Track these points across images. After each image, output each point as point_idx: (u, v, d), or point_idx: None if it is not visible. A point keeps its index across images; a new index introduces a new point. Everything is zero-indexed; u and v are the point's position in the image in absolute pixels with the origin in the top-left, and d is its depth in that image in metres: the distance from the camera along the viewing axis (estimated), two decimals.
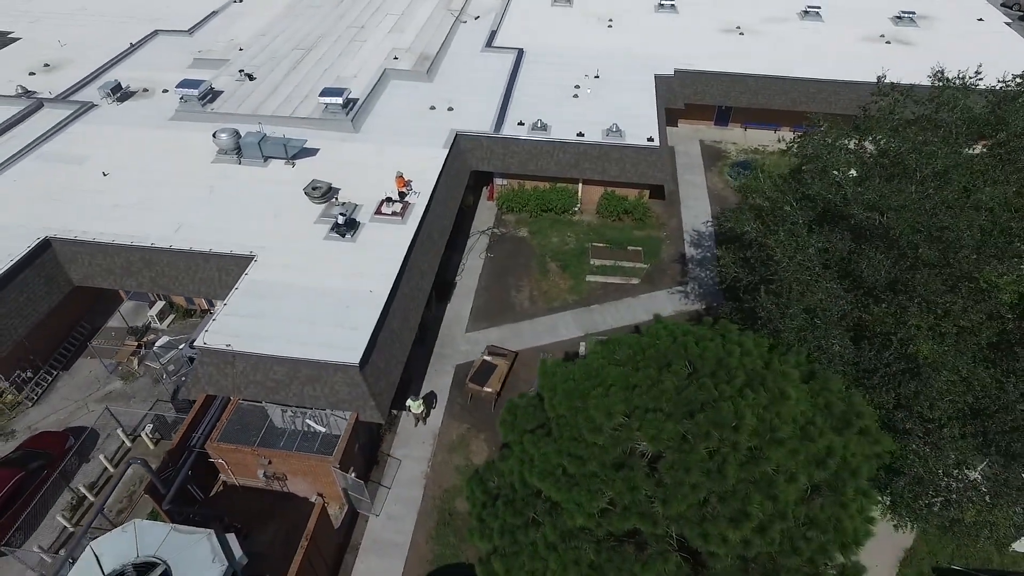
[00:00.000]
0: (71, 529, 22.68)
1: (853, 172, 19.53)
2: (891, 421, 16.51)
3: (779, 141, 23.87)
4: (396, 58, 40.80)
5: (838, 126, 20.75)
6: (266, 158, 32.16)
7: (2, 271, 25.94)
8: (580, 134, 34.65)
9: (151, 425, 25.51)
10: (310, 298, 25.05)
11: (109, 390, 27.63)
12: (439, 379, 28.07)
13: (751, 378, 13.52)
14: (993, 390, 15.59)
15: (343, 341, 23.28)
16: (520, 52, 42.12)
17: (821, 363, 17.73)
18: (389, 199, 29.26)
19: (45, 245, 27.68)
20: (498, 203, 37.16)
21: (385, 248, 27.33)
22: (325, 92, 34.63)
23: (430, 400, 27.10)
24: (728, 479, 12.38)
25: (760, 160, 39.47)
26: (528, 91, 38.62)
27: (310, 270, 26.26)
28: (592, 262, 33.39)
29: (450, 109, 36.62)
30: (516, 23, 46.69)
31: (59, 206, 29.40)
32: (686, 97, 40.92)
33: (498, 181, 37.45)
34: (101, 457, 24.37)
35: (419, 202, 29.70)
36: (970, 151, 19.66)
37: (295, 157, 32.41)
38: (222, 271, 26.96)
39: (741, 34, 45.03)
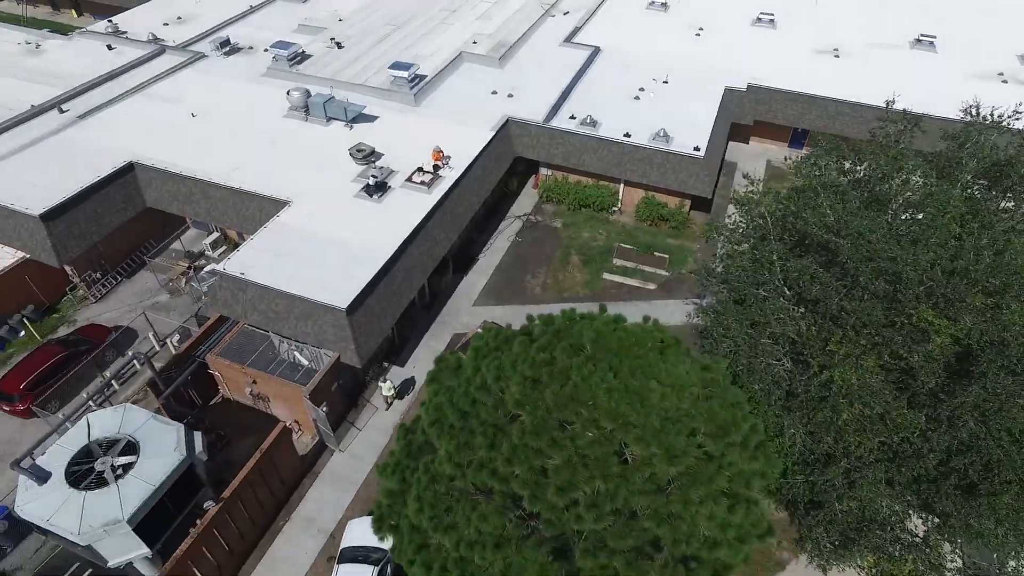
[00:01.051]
0: (93, 407, 26.37)
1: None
2: (807, 448, 15.95)
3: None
4: (475, 43, 42.61)
5: (837, 148, 19.85)
6: (328, 119, 35.00)
7: (88, 184, 30.31)
8: (627, 134, 34.76)
9: (178, 336, 28.91)
10: (324, 246, 27.33)
11: (156, 301, 31.53)
12: (434, 343, 29.56)
13: (624, 359, 13.81)
14: (915, 437, 14.61)
15: (339, 287, 25.30)
16: (596, 50, 42.54)
17: (761, 383, 17.45)
18: (421, 169, 31.07)
19: (129, 168, 31.97)
20: (540, 192, 38.02)
21: (404, 212, 29.15)
22: (394, 65, 37.06)
23: (406, 386, 27.82)
24: (567, 450, 12.84)
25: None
26: (592, 88, 39.07)
27: (333, 222, 28.58)
28: (615, 261, 33.51)
29: (510, 96, 37.88)
30: (603, 22, 47.06)
31: (149, 137, 33.71)
32: (757, 114, 39.72)
33: (543, 171, 38.28)
34: (129, 353, 28.02)
35: (450, 176, 31.26)
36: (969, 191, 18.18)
37: (354, 121, 35.02)
38: (261, 211, 29.94)
39: (836, 56, 42.79)
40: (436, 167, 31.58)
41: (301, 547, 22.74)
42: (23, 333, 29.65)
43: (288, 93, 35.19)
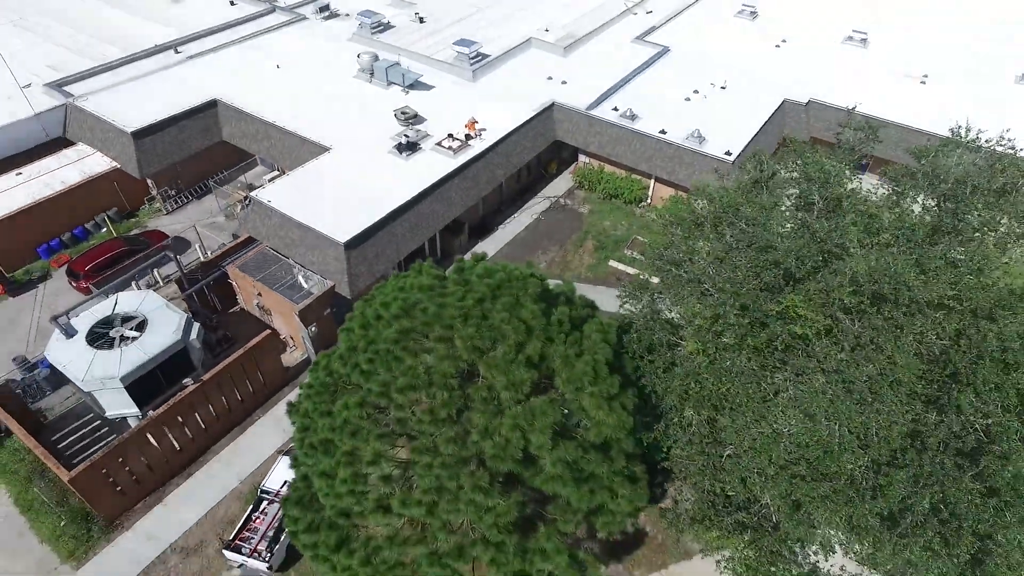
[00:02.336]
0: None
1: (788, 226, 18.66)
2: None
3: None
4: (547, 30, 44.36)
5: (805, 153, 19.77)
6: (389, 83, 38.20)
7: (176, 112, 35.30)
8: (662, 131, 35.21)
9: (220, 251, 33.11)
10: (346, 190, 30.35)
11: (213, 221, 36.13)
12: None
13: (499, 298, 15.25)
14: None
15: (346, 225, 28.19)
16: (664, 50, 42.90)
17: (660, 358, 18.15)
18: (451, 135, 33.41)
19: (212, 104, 36.76)
20: (574, 178, 39.22)
21: (425, 171, 31.60)
22: (459, 42, 39.65)
23: None
24: (419, 359, 14.57)
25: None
26: (646, 85, 39.65)
27: (360, 171, 31.57)
28: (625, 251, 34.22)
29: (563, 83, 39.34)
30: (684, 24, 47.13)
31: (236, 80, 38.43)
32: (815, 131, 38.58)
33: (582, 159, 39.43)
34: (176, 258, 32.49)
35: (477, 146, 33.36)
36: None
37: (411, 87, 37.98)
38: (306, 152, 33.55)
39: (923, 82, 40.47)
40: (468, 136, 33.79)
41: (267, 440, 25.86)
42: (104, 229, 35.15)
43: (358, 56, 38.73)
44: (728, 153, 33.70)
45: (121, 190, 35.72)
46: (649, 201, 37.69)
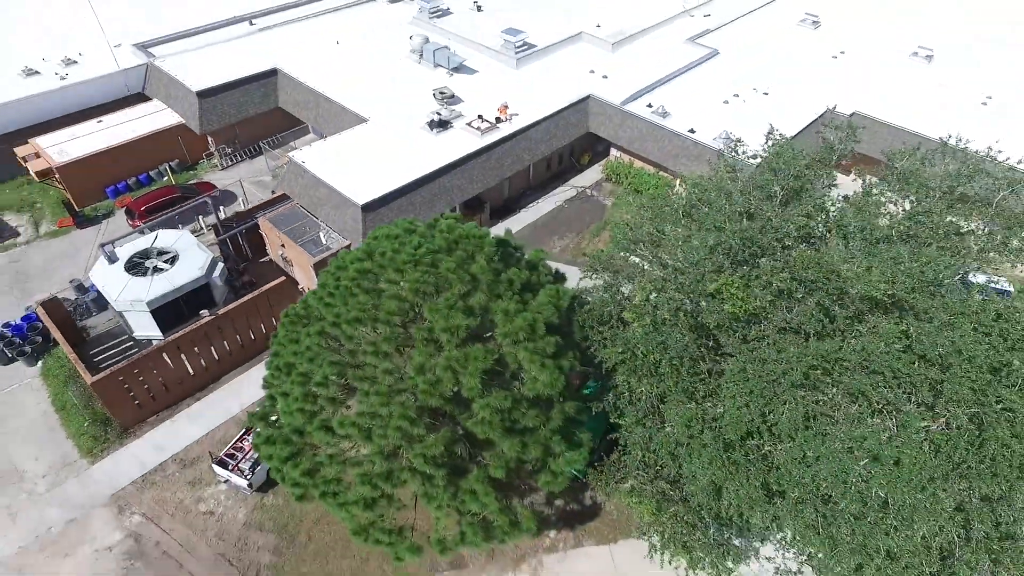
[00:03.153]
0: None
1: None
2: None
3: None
4: (598, 26, 45.11)
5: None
6: (435, 65, 40.09)
7: (238, 77, 38.45)
8: (691, 130, 35.43)
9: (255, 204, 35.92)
10: (376, 158, 32.37)
11: (260, 180, 39.07)
12: None
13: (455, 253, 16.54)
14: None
15: (367, 189, 30.18)
16: (713, 53, 42.87)
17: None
18: (480, 117, 34.89)
19: (272, 72, 39.77)
20: (604, 170, 39.91)
21: (451, 148, 33.22)
22: (506, 31, 41.08)
23: None
24: (370, 296, 16.09)
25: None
26: (687, 85, 39.82)
27: (393, 142, 33.54)
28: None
29: (604, 77, 40.08)
30: (740, 29, 46.76)
31: (298, 53, 41.33)
32: (857, 142, 37.64)
33: (614, 152, 40.05)
34: (215, 206, 35.45)
35: (504, 129, 34.70)
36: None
37: (455, 70, 39.74)
38: (346, 121, 35.87)
39: (984, 104, 38.76)
40: (498, 119, 35.17)
41: None
42: (165, 178, 38.71)
43: (411, 37, 40.82)
44: (754, 157, 33.53)
45: (184, 144, 39.17)
46: None
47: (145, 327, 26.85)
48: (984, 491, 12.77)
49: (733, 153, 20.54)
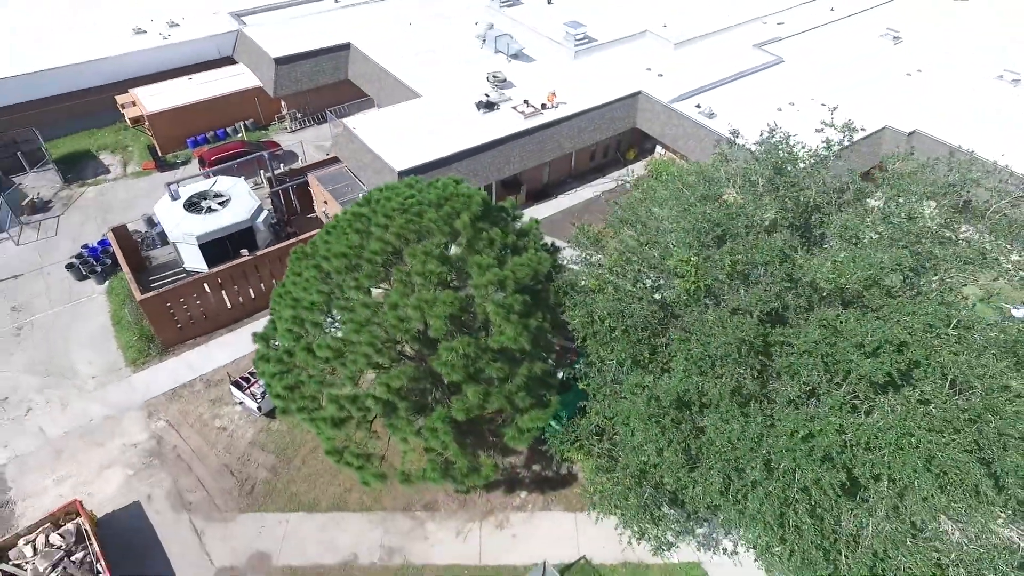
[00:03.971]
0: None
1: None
2: None
3: None
4: (665, 25, 45.38)
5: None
6: (496, 51, 41.74)
7: (313, 48, 41.52)
8: (734, 132, 35.27)
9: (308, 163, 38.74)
10: (422, 131, 34.32)
11: (321, 144, 42.00)
12: None
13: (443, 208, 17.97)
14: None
15: (406, 157, 32.15)
16: (777, 60, 42.32)
17: None
18: (526, 101, 36.20)
19: (345, 46, 42.65)
20: (646, 167, 40.29)
21: (494, 128, 34.73)
22: (568, 23, 42.16)
23: None
24: (360, 236, 17.72)
25: None
26: (743, 90, 39.59)
27: (440, 118, 35.41)
28: None
29: (660, 75, 40.44)
30: (815, 39, 45.74)
31: (371, 31, 44.06)
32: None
33: (659, 150, 40.35)
34: (270, 162, 38.28)
35: (548, 115, 35.86)
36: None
37: (514, 57, 41.23)
38: (402, 95, 38.13)
39: None
40: (543, 105, 36.37)
41: None
42: (240, 134, 42.32)
43: (476, 23, 42.64)
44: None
45: (259, 105, 42.67)
46: None
47: (193, 260, 29.90)
48: (889, 473, 12.98)
49: (731, 143, 20.93)
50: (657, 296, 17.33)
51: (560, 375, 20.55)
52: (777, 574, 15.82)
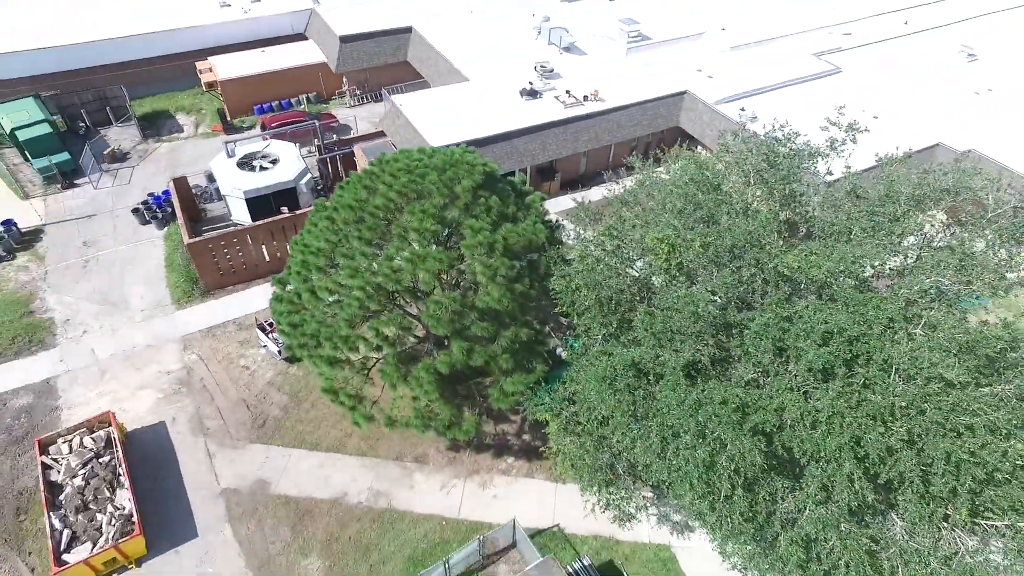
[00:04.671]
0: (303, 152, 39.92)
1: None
2: None
3: None
4: (723, 29, 45.21)
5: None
6: (549, 42, 42.78)
7: (376, 29, 43.76)
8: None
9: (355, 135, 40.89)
10: (464, 112, 35.79)
11: (375, 120, 44.17)
12: None
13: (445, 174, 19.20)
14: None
15: (445, 135, 33.65)
16: (835, 70, 41.54)
17: None
18: (568, 92, 37.07)
19: (407, 29, 44.68)
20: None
21: (535, 114, 35.82)
22: (623, 20, 42.71)
23: None
24: (367, 199, 19.19)
25: None
26: (793, 97, 39.15)
27: (484, 102, 36.80)
28: None
29: (709, 77, 40.46)
30: (881, 51, 44.49)
31: (435, 16, 45.90)
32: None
33: (699, 150, 40.28)
34: (321, 132, 40.53)
35: (588, 107, 36.62)
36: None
37: (566, 49, 42.18)
38: (452, 79, 39.75)
39: None
40: (585, 97, 37.15)
41: None
42: (302, 106, 45.07)
43: (532, 15, 43.81)
44: (829, 173, 32.67)
45: (323, 80, 45.29)
46: None
47: (240, 213, 32.44)
48: (821, 453, 13.31)
49: (735, 134, 21.22)
50: (633, 272, 18.00)
51: (561, 353, 21.45)
52: (736, 563, 16.26)
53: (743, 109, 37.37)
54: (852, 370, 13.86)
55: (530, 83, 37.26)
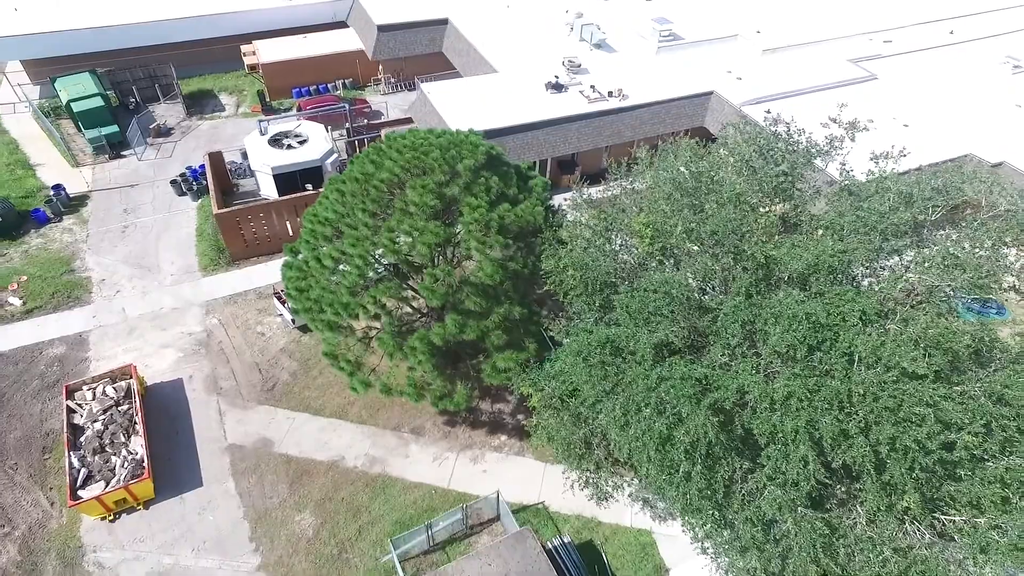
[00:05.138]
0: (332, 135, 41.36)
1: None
2: None
3: None
4: (758, 32, 44.94)
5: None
6: (580, 38, 43.29)
7: (413, 20, 44.95)
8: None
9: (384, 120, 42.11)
10: (489, 102, 36.60)
11: (405, 107, 45.36)
12: None
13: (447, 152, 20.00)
14: None
15: (469, 122, 34.29)
16: (870, 76, 40.92)
17: None
18: (593, 87, 37.51)
19: (443, 21, 45.78)
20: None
21: (558, 107, 36.40)
22: (656, 19, 42.90)
23: None
24: (370, 173, 20.16)
25: None
26: (820, 101, 38.55)
27: (509, 94, 37.53)
28: None
29: (739, 79, 40.35)
30: (921, 60, 43.54)
31: (470, 9, 46.84)
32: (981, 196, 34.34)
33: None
34: (349, 115, 41.77)
35: (611, 103, 37.02)
36: None
37: (596, 46, 42.64)
38: (481, 70, 40.58)
39: None
40: (610, 93, 37.55)
41: None
42: (338, 91, 46.62)
43: (566, 11, 44.35)
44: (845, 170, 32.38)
45: (359, 67, 46.76)
46: None
47: (267, 188, 33.96)
48: (778, 435, 13.65)
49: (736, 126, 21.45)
50: (626, 257, 18.48)
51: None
52: (696, 535, 16.65)
53: (768, 111, 37.11)
54: (814, 356, 14.12)
55: (555, 77, 37.84)
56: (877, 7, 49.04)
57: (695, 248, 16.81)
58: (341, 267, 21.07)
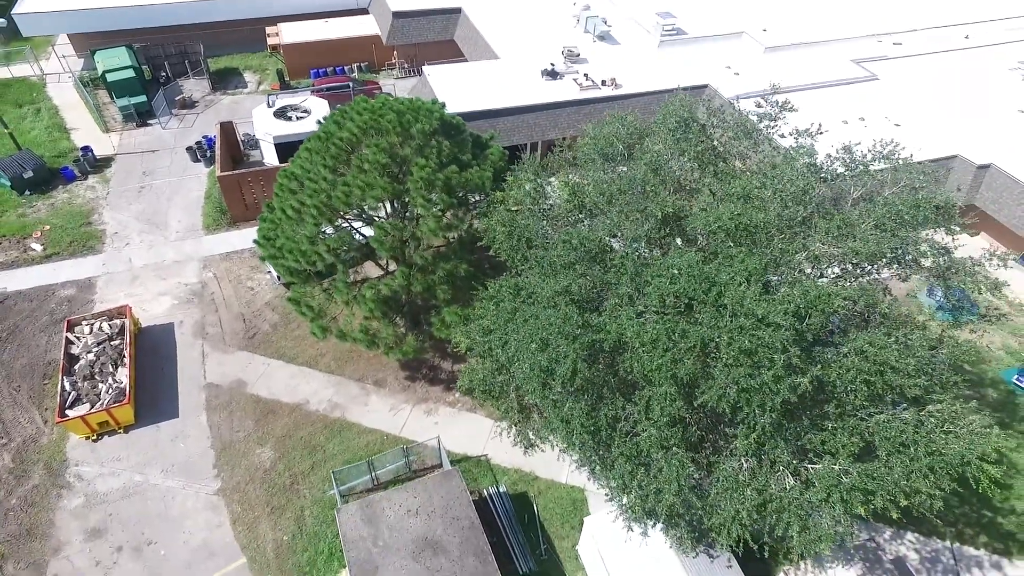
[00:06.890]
0: None
1: None
2: None
3: None
4: (764, 30, 45.32)
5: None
6: (585, 31, 44.49)
7: (428, 7, 46.88)
8: (782, 135, 35.30)
9: None
10: (486, 86, 38.17)
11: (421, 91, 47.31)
12: None
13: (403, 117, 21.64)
14: None
15: (462, 103, 36.13)
16: (870, 77, 40.97)
17: None
18: (586, 75, 38.69)
19: (457, 9, 47.56)
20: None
21: (550, 93, 37.73)
22: (660, 13, 43.75)
23: None
24: (337, 142, 21.92)
25: None
26: (815, 99, 39.01)
27: (507, 79, 39.03)
28: None
29: (736, 74, 40.96)
30: (928, 63, 43.28)
31: (491, 2, 48.52)
32: (984, 200, 34.36)
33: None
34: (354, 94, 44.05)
35: (604, 91, 38.15)
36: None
37: (600, 38, 43.78)
38: (485, 56, 42.19)
39: None
40: (603, 82, 38.68)
41: None
42: (355, 74, 48.91)
43: (573, 3, 45.61)
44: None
45: (375, 51, 48.93)
46: None
47: (270, 156, 36.29)
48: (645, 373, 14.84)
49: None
50: (551, 212, 19.83)
51: None
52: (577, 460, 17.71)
53: (759, 104, 37.65)
54: (690, 307, 15.19)
55: (551, 64, 39.16)
56: (892, 10, 48.75)
57: (606, 204, 18.00)
58: (308, 219, 22.91)
